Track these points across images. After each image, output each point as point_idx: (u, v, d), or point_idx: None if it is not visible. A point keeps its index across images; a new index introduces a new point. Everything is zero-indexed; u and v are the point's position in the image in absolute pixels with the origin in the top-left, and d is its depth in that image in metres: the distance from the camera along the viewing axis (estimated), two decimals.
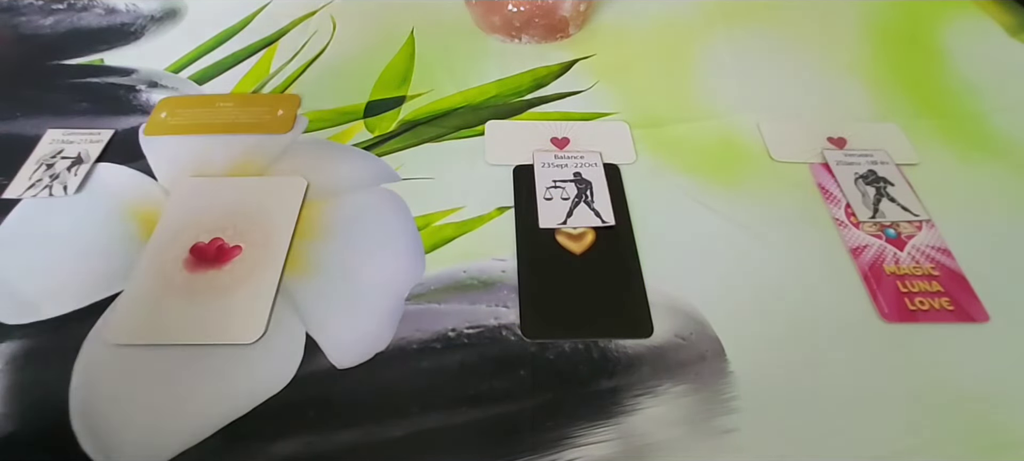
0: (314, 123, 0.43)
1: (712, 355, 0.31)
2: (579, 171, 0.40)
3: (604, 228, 0.37)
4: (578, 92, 0.46)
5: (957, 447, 0.28)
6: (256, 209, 0.36)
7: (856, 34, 0.51)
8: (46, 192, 0.38)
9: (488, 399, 0.30)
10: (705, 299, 0.33)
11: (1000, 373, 0.31)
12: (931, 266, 0.35)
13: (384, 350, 0.31)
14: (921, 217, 0.37)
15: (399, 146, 0.42)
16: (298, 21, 0.52)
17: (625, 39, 0.51)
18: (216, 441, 0.28)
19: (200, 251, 0.35)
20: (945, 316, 0.33)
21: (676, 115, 0.44)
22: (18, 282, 0.33)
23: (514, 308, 0.33)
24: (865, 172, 0.40)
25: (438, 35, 0.51)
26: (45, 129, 0.42)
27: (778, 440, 0.28)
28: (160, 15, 0.53)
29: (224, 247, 0.35)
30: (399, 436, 0.28)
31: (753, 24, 0.52)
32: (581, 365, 0.31)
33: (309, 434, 0.28)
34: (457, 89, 0.46)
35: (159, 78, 0.47)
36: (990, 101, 0.46)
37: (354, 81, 0.47)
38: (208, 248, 0.35)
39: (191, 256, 0.34)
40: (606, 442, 0.28)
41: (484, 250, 0.36)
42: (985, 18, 0.53)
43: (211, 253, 0.35)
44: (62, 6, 0.53)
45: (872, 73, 0.48)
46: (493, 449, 0.28)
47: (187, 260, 0.34)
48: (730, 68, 0.48)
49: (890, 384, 0.30)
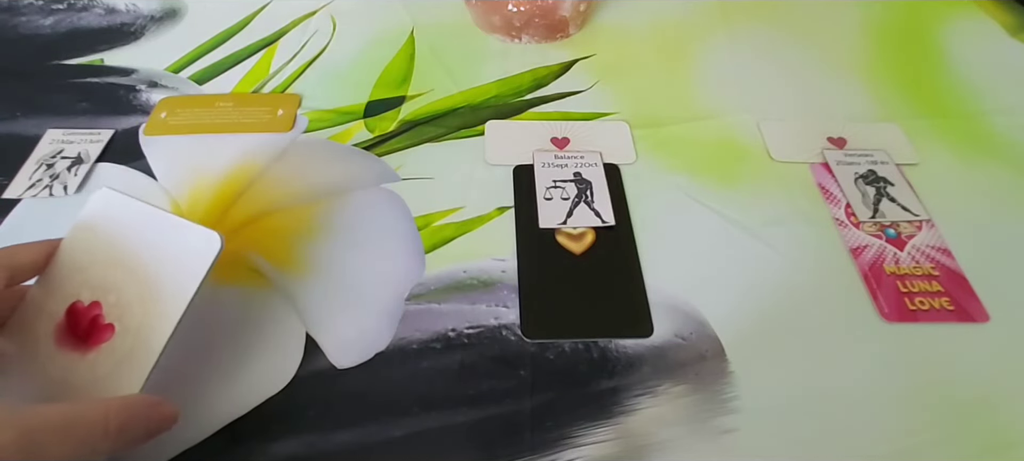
0: (314, 123, 0.43)
1: (712, 355, 0.31)
2: (579, 171, 0.40)
3: (604, 228, 0.37)
4: (578, 92, 0.46)
5: (957, 447, 0.28)
6: (150, 269, 0.27)
7: (856, 34, 0.51)
8: (46, 192, 0.38)
9: (488, 399, 0.30)
10: (705, 299, 0.33)
11: (1000, 373, 0.31)
12: (931, 266, 0.35)
13: (384, 350, 0.31)
14: (921, 217, 0.37)
15: (399, 146, 0.42)
16: (298, 21, 0.52)
17: (625, 39, 0.51)
18: (216, 441, 0.28)
19: (75, 316, 0.27)
20: (945, 316, 0.33)
21: (676, 115, 0.44)
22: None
23: (514, 308, 0.33)
24: (865, 172, 0.40)
25: (438, 35, 0.51)
26: (45, 129, 0.42)
27: (778, 440, 0.28)
28: (160, 15, 0.53)
29: (99, 322, 0.27)
30: (399, 436, 0.28)
31: (753, 24, 0.52)
32: (581, 365, 0.31)
33: (309, 434, 0.28)
34: (457, 89, 0.46)
35: (159, 78, 0.47)
36: (990, 101, 0.46)
37: (354, 81, 0.47)
38: (82, 316, 0.27)
39: (65, 320, 0.27)
40: (606, 442, 0.28)
41: (484, 250, 0.36)
42: (985, 18, 0.53)
43: (84, 326, 0.27)
44: (62, 6, 0.53)
45: (872, 73, 0.48)
46: (493, 449, 0.28)
47: (60, 325, 0.27)
48: (730, 68, 0.48)
49: (890, 384, 0.30)
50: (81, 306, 0.28)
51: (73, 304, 0.28)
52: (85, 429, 0.22)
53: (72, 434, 0.21)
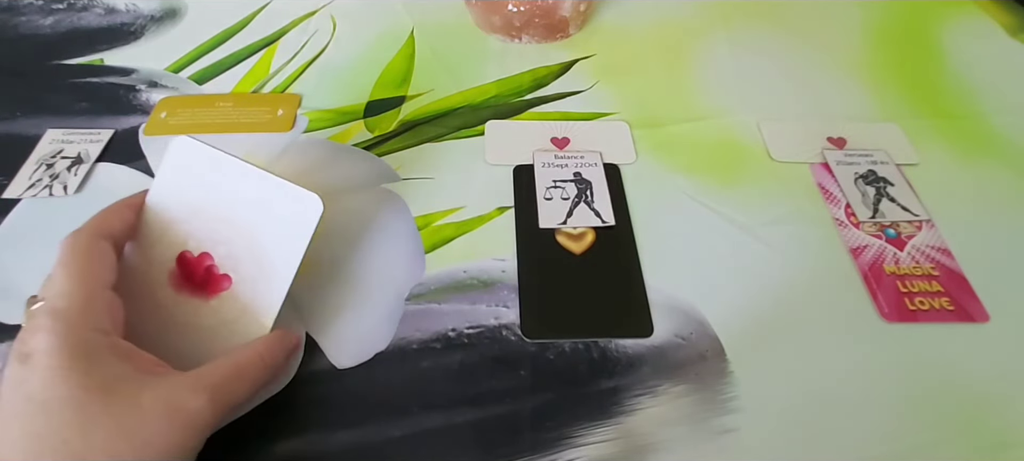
0: (314, 123, 0.43)
1: (712, 355, 0.31)
2: (579, 171, 0.40)
3: (604, 228, 0.37)
4: (578, 92, 0.46)
5: (957, 447, 0.28)
6: (256, 227, 0.29)
7: (856, 34, 0.51)
8: (46, 192, 0.38)
9: (488, 399, 0.30)
10: (705, 299, 0.33)
11: (1000, 373, 0.31)
12: (931, 266, 0.35)
13: (384, 350, 0.31)
14: (921, 217, 0.37)
15: (399, 146, 0.42)
16: (298, 21, 0.52)
17: (625, 39, 0.51)
18: (216, 441, 0.28)
19: (188, 266, 0.29)
20: (945, 316, 0.33)
21: (676, 115, 0.44)
22: (18, 282, 0.33)
23: (514, 308, 0.33)
24: (865, 172, 0.40)
25: (438, 35, 0.51)
26: (45, 129, 0.42)
27: (778, 440, 0.29)
28: (160, 15, 0.53)
29: (214, 271, 0.29)
30: (399, 436, 0.28)
31: (753, 24, 0.52)
32: (581, 365, 0.31)
33: (309, 434, 0.28)
34: (457, 89, 0.46)
35: (159, 78, 0.47)
36: (990, 101, 0.46)
37: (354, 81, 0.47)
38: (196, 266, 0.29)
39: (178, 269, 0.29)
40: (606, 442, 0.28)
41: (484, 250, 0.36)
42: (985, 18, 0.53)
43: (199, 275, 0.29)
44: (62, 6, 0.53)
45: (872, 73, 0.48)
46: (493, 449, 0.28)
47: (173, 273, 0.29)
48: (730, 68, 0.48)
49: (890, 384, 0.30)
50: (190, 256, 0.29)
51: (182, 253, 0.29)
52: (251, 369, 0.26)
53: (244, 376, 0.25)
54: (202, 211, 0.29)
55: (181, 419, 0.23)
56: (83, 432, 0.22)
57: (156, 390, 0.23)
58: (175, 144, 0.30)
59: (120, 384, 0.23)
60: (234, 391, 0.25)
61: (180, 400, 0.23)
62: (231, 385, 0.25)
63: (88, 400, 0.22)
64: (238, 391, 0.25)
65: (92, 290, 0.25)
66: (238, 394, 0.25)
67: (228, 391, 0.25)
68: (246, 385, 0.25)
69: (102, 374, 0.23)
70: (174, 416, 0.23)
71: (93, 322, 0.24)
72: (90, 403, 0.22)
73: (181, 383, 0.24)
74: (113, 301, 0.26)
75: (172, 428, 0.23)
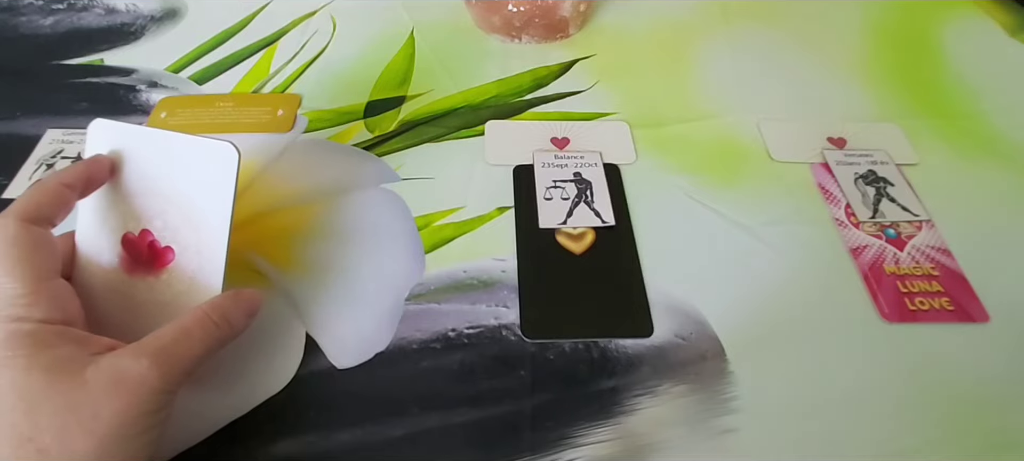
0: (314, 123, 0.43)
1: (712, 355, 0.31)
2: (579, 171, 0.40)
3: (604, 228, 0.37)
4: (578, 92, 0.46)
5: (957, 447, 0.28)
6: (182, 191, 0.29)
7: (856, 34, 0.52)
8: None
9: (488, 399, 0.30)
10: (705, 299, 0.33)
11: (1000, 373, 0.31)
12: (931, 266, 0.35)
13: (384, 350, 0.31)
14: (921, 217, 0.37)
15: (399, 146, 0.42)
16: (298, 21, 0.52)
17: (625, 39, 0.51)
18: (216, 441, 0.28)
19: (132, 246, 0.29)
20: (945, 316, 0.33)
21: (676, 115, 0.44)
22: None
23: (514, 308, 0.33)
24: (865, 172, 0.40)
25: (438, 35, 0.51)
26: (45, 129, 0.42)
27: (778, 440, 0.29)
28: (160, 15, 0.53)
29: (156, 246, 0.29)
30: (399, 436, 0.28)
31: (753, 24, 0.52)
32: (581, 365, 0.31)
33: (309, 434, 0.28)
34: (457, 89, 0.46)
35: (159, 78, 0.47)
36: (990, 101, 0.46)
37: (354, 81, 0.47)
38: (139, 244, 0.29)
39: (124, 252, 0.29)
40: (606, 442, 0.28)
41: (484, 250, 0.36)
42: (985, 18, 0.53)
43: (144, 252, 0.29)
44: (62, 6, 0.53)
45: (872, 73, 0.48)
46: (493, 449, 0.28)
47: (122, 256, 0.29)
48: (730, 68, 0.48)
49: (890, 384, 0.30)
50: (132, 236, 0.29)
51: (124, 234, 0.29)
52: (197, 328, 0.25)
53: (191, 336, 0.25)
54: (133, 189, 0.29)
55: (125, 386, 0.23)
56: (28, 413, 0.22)
57: (98, 364, 0.23)
58: (92, 128, 0.29)
59: (65, 364, 0.23)
60: (180, 353, 0.25)
61: (122, 368, 0.23)
62: (176, 346, 0.25)
63: (29, 382, 0.22)
64: (185, 352, 0.25)
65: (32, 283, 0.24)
66: (186, 355, 0.25)
67: (173, 353, 0.24)
68: (195, 345, 0.25)
69: (46, 358, 0.23)
70: (118, 385, 0.23)
71: (36, 313, 0.24)
72: (31, 385, 0.22)
73: (123, 353, 0.24)
74: (61, 290, 0.25)
75: (118, 396, 0.23)
